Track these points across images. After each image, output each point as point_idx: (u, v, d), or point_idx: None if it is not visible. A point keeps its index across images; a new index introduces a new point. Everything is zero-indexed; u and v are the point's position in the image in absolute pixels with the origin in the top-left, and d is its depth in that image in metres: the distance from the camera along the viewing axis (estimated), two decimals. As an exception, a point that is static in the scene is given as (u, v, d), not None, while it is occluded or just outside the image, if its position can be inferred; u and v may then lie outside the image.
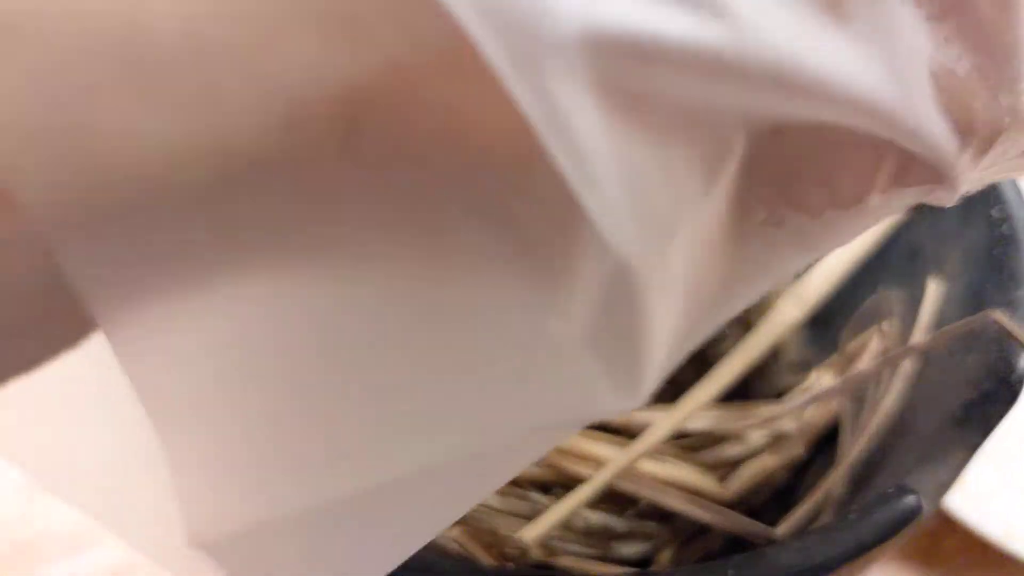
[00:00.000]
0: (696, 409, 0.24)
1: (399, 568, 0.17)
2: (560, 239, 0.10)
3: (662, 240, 0.10)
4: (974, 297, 0.23)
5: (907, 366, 0.24)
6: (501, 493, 0.23)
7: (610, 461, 0.23)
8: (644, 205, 0.09)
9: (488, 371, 0.11)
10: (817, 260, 0.14)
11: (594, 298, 0.10)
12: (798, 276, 0.27)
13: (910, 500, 0.18)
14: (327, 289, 0.10)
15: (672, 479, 0.24)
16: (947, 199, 0.12)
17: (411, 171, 0.09)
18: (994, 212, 0.24)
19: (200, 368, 0.10)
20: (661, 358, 0.11)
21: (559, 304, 0.10)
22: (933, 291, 0.25)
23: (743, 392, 0.28)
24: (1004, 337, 0.21)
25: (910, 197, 0.12)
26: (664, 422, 0.23)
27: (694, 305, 0.12)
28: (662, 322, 0.11)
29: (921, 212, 0.27)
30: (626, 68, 0.09)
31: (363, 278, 0.10)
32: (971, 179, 0.12)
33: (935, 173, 0.11)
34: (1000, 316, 0.21)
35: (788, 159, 0.11)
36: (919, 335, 0.24)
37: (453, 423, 0.11)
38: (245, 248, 0.09)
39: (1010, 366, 0.20)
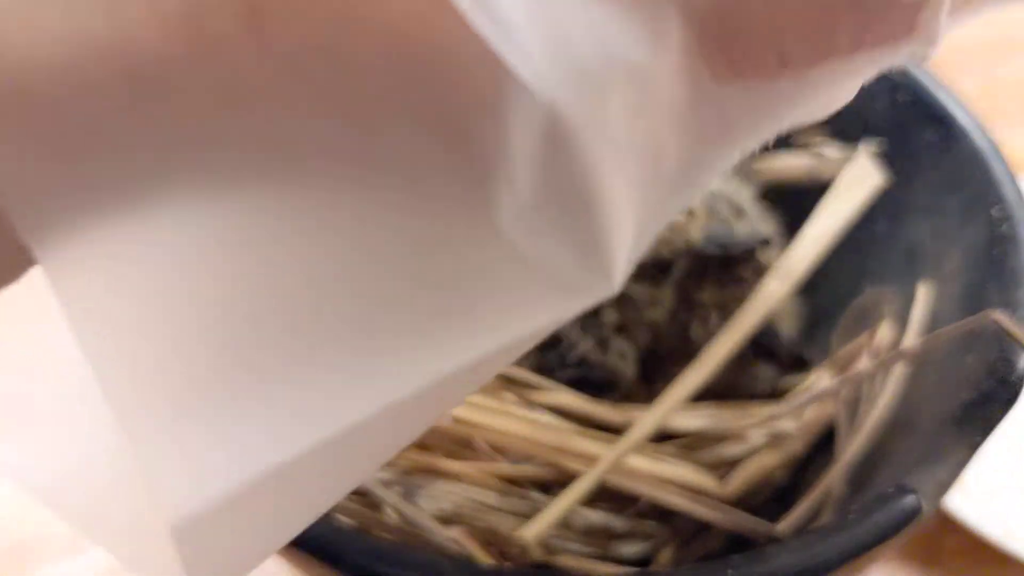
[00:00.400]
0: (689, 390, 0.24)
1: (398, 568, 0.17)
2: (490, 119, 0.09)
3: (592, 87, 0.09)
4: (974, 297, 0.23)
5: (901, 366, 0.24)
6: (501, 492, 0.23)
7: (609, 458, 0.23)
8: (565, 50, 0.09)
9: (446, 282, 0.11)
10: (793, 125, 0.13)
11: (536, 169, 0.10)
12: (782, 249, 0.27)
13: (910, 500, 0.18)
14: (263, 205, 0.10)
15: (671, 477, 0.23)
16: (923, 53, 0.11)
17: (325, 63, 0.09)
18: (994, 212, 0.24)
19: (142, 299, 0.10)
20: (627, 234, 0.11)
21: (502, 194, 0.10)
22: (923, 294, 0.25)
23: (737, 393, 0.28)
24: (1004, 337, 0.21)
25: (881, 58, 0.11)
26: (659, 408, 0.23)
27: (655, 177, 0.11)
28: (620, 193, 0.10)
29: (920, 211, 0.27)
30: None
31: (295, 191, 0.10)
32: (943, 19, 0.11)
33: (900, 21, 0.11)
34: (1000, 316, 0.21)
35: (731, 22, 0.10)
36: (911, 337, 0.24)
37: (417, 344, 0.11)
38: (171, 159, 0.09)
39: (1010, 366, 0.20)
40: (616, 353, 0.26)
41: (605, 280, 0.11)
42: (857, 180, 0.27)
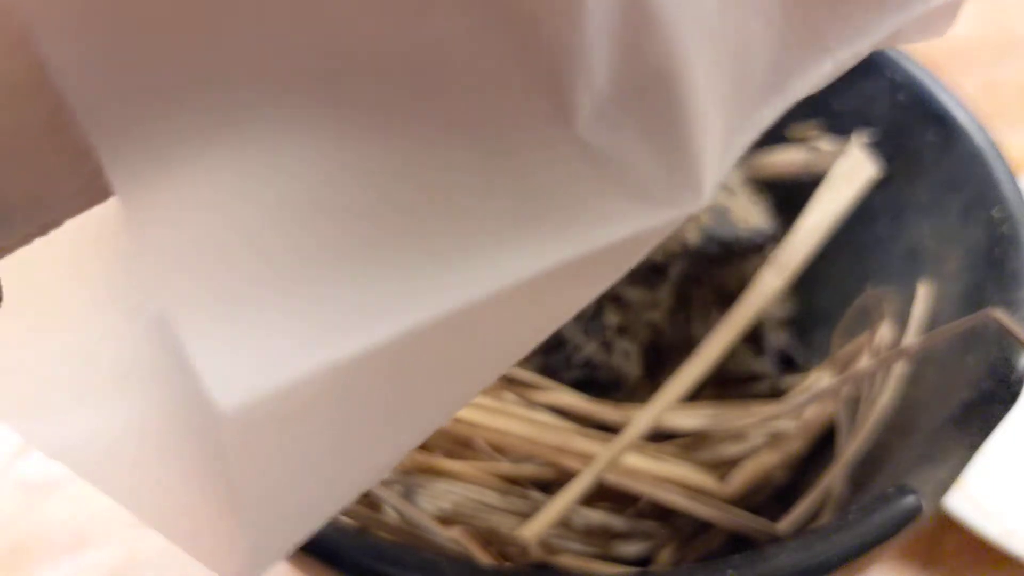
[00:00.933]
0: (687, 384, 0.24)
1: (398, 568, 0.17)
2: (564, 2, 0.09)
3: None
4: (974, 297, 0.23)
5: (901, 366, 0.24)
6: (501, 492, 0.23)
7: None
8: None
9: (518, 186, 0.10)
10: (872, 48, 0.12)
11: (616, 50, 0.09)
12: (778, 242, 0.27)
13: (910, 500, 0.18)
14: (330, 113, 0.09)
15: (671, 477, 0.23)
16: None
17: None
18: (994, 212, 0.24)
19: (219, 223, 0.09)
20: (715, 138, 0.10)
21: (580, 89, 0.09)
22: (924, 294, 0.25)
23: (734, 393, 0.28)
24: (1004, 336, 0.21)
25: None
26: (657, 404, 0.23)
27: (744, 77, 0.10)
28: (707, 85, 0.10)
29: (921, 211, 0.27)
30: None
31: (359, 99, 0.09)
32: None
33: None
34: (1000, 314, 0.21)
35: None
36: (911, 337, 0.24)
37: (485, 248, 0.10)
38: (248, 78, 0.09)
39: (1010, 366, 0.20)
40: (620, 353, 0.26)
41: (691, 188, 0.10)
42: (850, 171, 0.27)
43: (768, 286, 0.25)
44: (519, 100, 0.10)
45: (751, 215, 0.27)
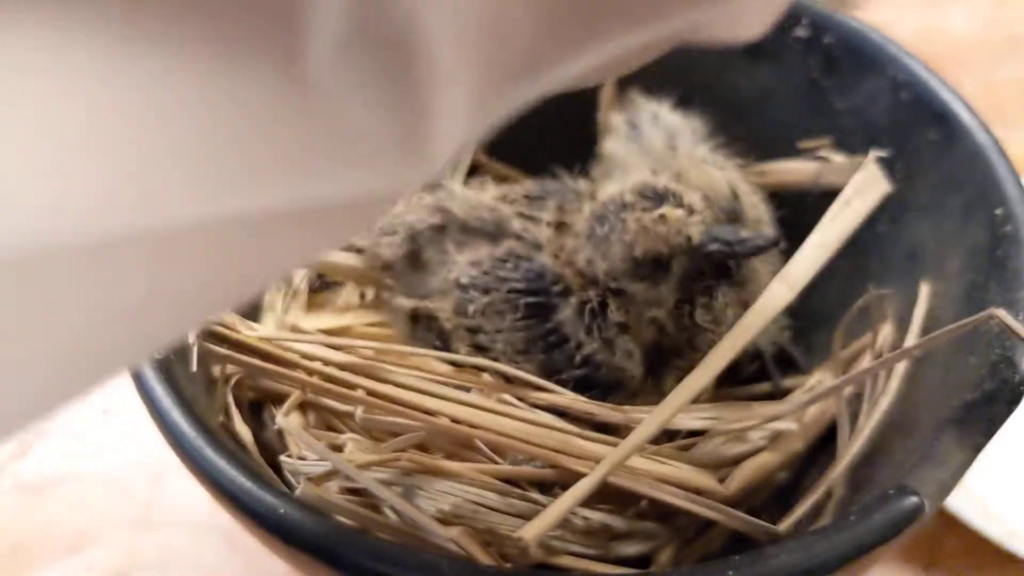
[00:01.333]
0: (693, 392, 0.24)
1: (398, 568, 0.17)
2: None
3: None
4: (976, 297, 0.23)
5: (903, 366, 0.24)
6: (501, 492, 0.23)
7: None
8: None
9: (246, 128, 0.09)
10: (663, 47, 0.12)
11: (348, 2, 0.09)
12: (784, 254, 0.27)
13: (912, 500, 0.18)
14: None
15: (671, 477, 0.23)
16: None
17: None
18: (997, 212, 0.24)
19: None
20: (456, 106, 0.10)
21: (311, 33, 0.09)
22: (925, 295, 0.25)
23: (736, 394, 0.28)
24: (1006, 337, 0.21)
25: None
26: (662, 411, 0.23)
27: (500, 52, 0.10)
28: (448, 54, 0.09)
29: (922, 211, 0.27)
30: None
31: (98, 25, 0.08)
32: None
33: None
34: (1002, 314, 0.21)
35: None
36: (913, 337, 0.24)
37: (211, 180, 0.09)
38: None
39: (1013, 366, 0.20)
40: (623, 352, 0.26)
41: (422, 154, 0.10)
42: (865, 187, 0.27)
43: (778, 298, 0.25)
44: (254, 32, 0.09)
45: (758, 218, 0.27)
